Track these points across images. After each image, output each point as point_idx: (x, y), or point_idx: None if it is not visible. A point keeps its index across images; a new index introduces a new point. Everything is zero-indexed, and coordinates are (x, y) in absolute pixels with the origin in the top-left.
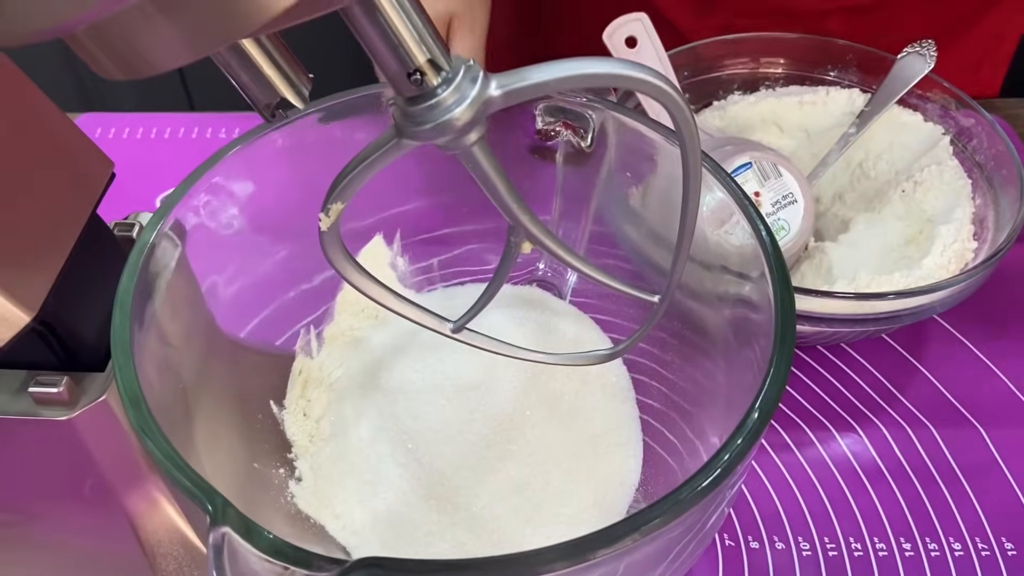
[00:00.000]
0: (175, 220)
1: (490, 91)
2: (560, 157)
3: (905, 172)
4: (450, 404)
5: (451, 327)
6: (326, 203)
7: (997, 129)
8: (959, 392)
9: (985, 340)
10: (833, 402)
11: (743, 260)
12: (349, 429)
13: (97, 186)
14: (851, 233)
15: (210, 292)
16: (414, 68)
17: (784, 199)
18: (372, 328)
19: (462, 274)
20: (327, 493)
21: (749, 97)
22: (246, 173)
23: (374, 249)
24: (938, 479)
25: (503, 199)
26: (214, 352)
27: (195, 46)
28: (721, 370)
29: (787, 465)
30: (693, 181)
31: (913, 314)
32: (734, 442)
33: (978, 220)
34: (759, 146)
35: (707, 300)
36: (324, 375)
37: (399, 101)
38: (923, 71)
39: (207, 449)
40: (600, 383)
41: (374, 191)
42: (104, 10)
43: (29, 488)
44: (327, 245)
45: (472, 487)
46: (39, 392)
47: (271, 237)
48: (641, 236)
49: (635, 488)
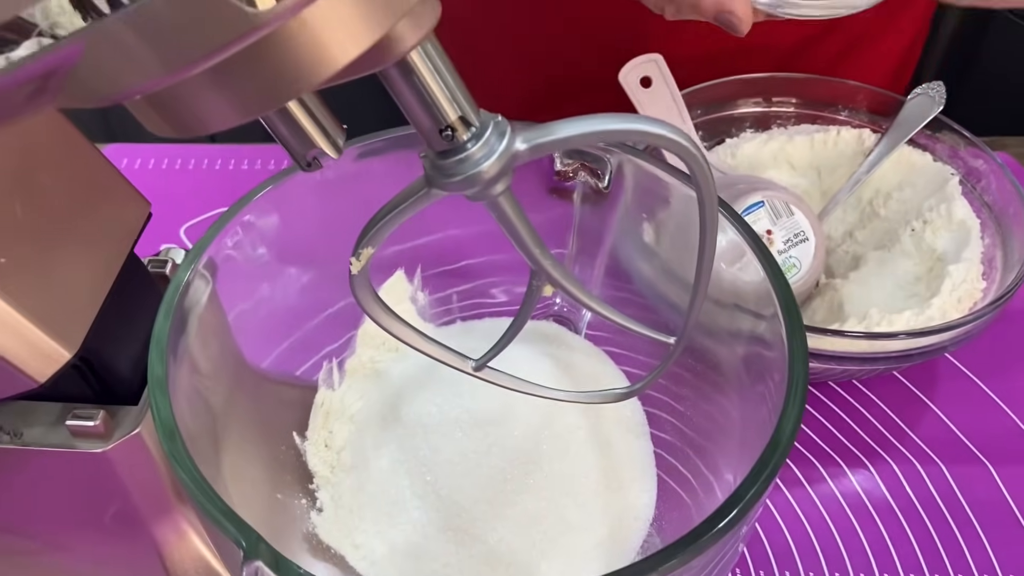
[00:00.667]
0: (208, 258)
1: (516, 145)
2: (578, 197)
3: (915, 211)
4: (468, 437)
5: (472, 365)
6: (357, 248)
7: (1005, 170)
8: (969, 429)
9: (995, 378)
10: (844, 438)
11: (756, 298)
12: (369, 460)
13: (135, 226)
14: (862, 270)
15: (236, 322)
16: (446, 124)
17: (796, 237)
18: (392, 361)
19: (479, 305)
20: (347, 523)
21: (761, 135)
22: (274, 209)
23: (395, 284)
24: (947, 515)
25: (527, 245)
26: (240, 384)
27: (247, 109)
28: (735, 406)
29: (798, 500)
30: (710, 231)
31: (923, 353)
32: (751, 484)
33: (987, 260)
34: (771, 184)
35: (720, 337)
36: (345, 407)
37: (430, 154)
38: (932, 112)
39: (233, 479)
40: (615, 418)
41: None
42: (165, 81)
43: (60, 518)
44: (357, 288)
45: (489, 520)
46: (76, 425)
47: (294, 266)
48: (655, 272)
49: (649, 523)
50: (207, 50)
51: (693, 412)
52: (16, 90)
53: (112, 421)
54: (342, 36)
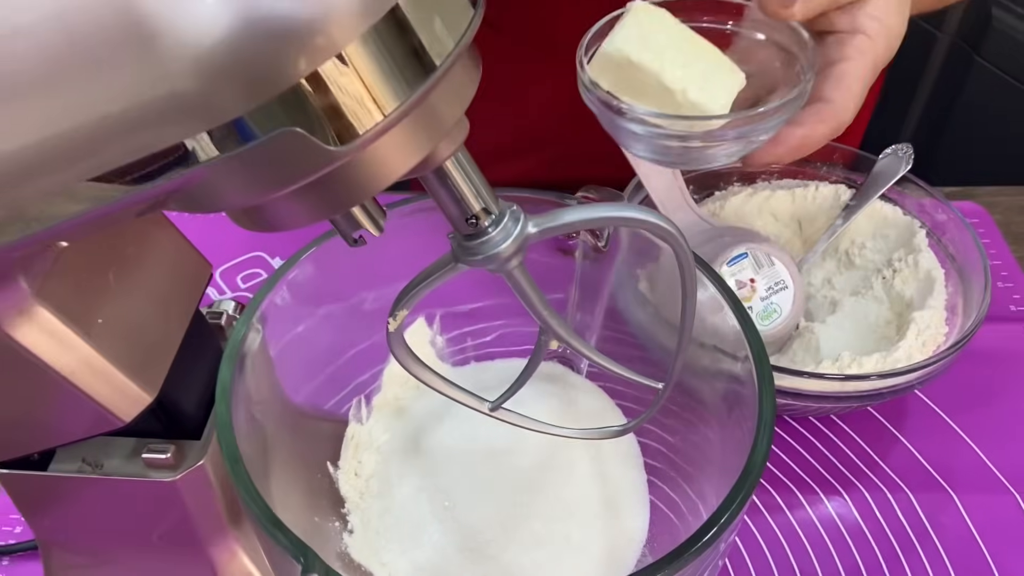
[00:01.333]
0: (260, 312)
1: (529, 229)
2: (579, 254)
3: (886, 261)
4: (482, 466)
5: (488, 406)
6: (394, 310)
7: (965, 223)
8: (936, 461)
9: (960, 413)
10: (821, 468)
11: (734, 342)
12: (394, 487)
13: (200, 285)
14: (837, 315)
15: (277, 361)
16: (471, 214)
17: (776, 285)
18: (415, 398)
19: (491, 344)
20: (375, 544)
21: (747, 188)
22: (313, 265)
23: (417, 329)
24: (914, 540)
25: (536, 308)
26: (283, 419)
27: (318, 215)
28: (717, 437)
29: (779, 524)
30: (689, 299)
31: (892, 391)
32: (727, 507)
33: (950, 307)
34: (755, 236)
35: (703, 375)
36: (373, 439)
37: (457, 236)
38: (901, 171)
39: (279, 503)
40: (613, 451)
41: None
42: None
43: (126, 538)
44: (393, 343)
45: (501, 541)
46: (151, 458)
47: (328, 310)
48: (648, 318)
49: (643, 544)
50: (293, 179)
51: (681, 443)
52: (147, 201)
53: (180, 454)
54: (395, 159)
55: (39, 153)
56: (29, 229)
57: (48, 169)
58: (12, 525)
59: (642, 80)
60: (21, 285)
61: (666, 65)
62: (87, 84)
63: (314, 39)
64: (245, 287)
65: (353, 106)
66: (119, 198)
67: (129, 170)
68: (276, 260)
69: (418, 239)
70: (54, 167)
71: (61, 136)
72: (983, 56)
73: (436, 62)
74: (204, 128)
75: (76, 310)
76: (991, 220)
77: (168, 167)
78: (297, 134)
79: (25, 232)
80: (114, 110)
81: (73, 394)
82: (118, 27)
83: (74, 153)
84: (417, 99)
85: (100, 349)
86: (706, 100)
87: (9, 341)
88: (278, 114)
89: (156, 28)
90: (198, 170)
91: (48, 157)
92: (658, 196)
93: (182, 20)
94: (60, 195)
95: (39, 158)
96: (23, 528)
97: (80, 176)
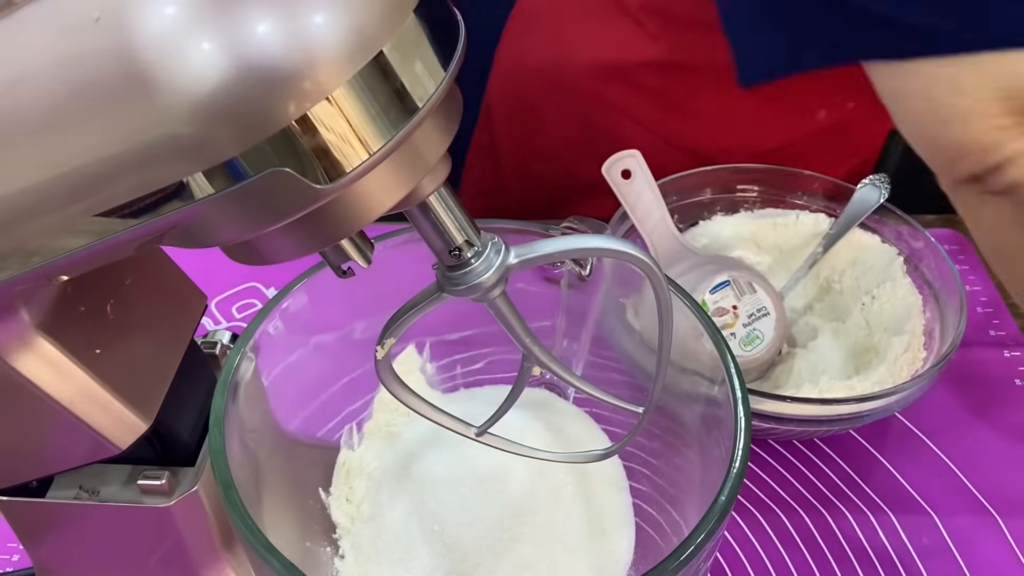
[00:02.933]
0: (252, 342)
1: (510, 260)
2: (564, 283)
3: (865, 287)
4: (471, 492)
5: (475, 431)
6: (381, 338)
7: (941, 251)
8: (916, 482)
9: (940, 436)
10: (805, 490)
11: (712, 366)
12: (384, 512)
13: (195, 315)
14: (818, 340)
15: (270, 390)
16: (454, 246)
17: (758, 312)
18: (404, 425)
19: (481, 371)
20: (366, 569)
21: (730, 218)
22: (305, 295)
23: (407, 357)
24: (896, 560)
25: (519, 336)
26: (276, 446)
27: (306, 248)
28: (697, 457)
29: (762, 545)
30: (666, 329)
31: (871, 414)
32: (704, 524)
33: (927, 331)
34: (737, 264)
35: (684, 399)
36: (363, 465)
37: (441, 267)
38: (878, 200)
39: (271, 528)
40: (598, 475)
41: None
42: (250, 236)
43: (121, 563)
44: (381, 371)
45: (489, 565)
46: (146, 484)
47: (319, 339)
48: (633, 344)
49: (628, 566)
50: (283, 215)
51: (664, 465)
52: (144, 236)
53: (174, 480)
54: (380, 195)
55: (42, 193)
56: (31, 264)
57: (50, 207)
58: (10, 553)
59: None
60: (23, 317)
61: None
62: (88, 128)
63: (303, 85)
64: (240, 317)
65: (340, 145)
66: (118, 234)
67: (127, 208)
68: (271, 290)
69: (406, 270)
70: (55, 205)
71: (62, 176)
72: None
73: (418, 104)
74: (200, 168)
75: (75, 341)
76: (970, 247)
77: (164, 204)
78: (287, 173)
79: (27, 267)
80: (113, 152)
81: (71, 422)
82: (118, 75)
83: (74, 192)
84: (400, 138)
85: (98, 378)
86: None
87: (10, 371)
88: (269, 154)
89: (154, 76)
90: (193, 207)
91: (50, 196)
92: (644, 225)
93: (179, 68)
94: (61, 231)
95: (42, 198)
96: (21, 556)
97: (80, 213)
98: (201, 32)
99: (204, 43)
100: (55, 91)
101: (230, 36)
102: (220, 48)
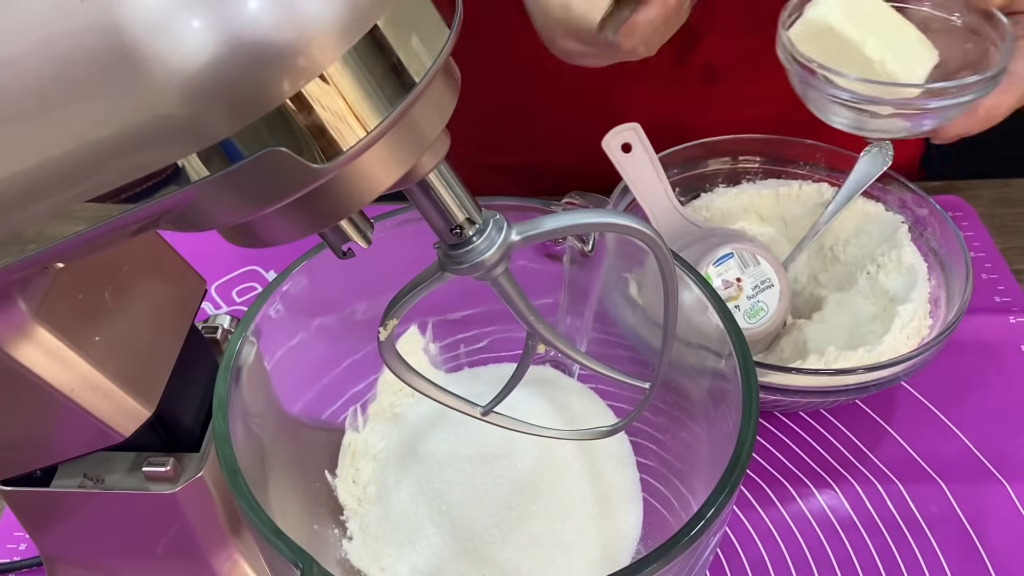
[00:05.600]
0: (254, 326)
1: (512, 237)
2: (567, 259)
3: (870, 256)
4: (477, 471)
5: (480, 411)
6: (384, 320)
7: (946, 218)
8: (924, 452)
9: (948, 405)
10: (812, 461)
11: (718, 340)
12: (391, 493)
13: (195, 301)
14: (824, 311)
15: (272, 373)
16: (455, 224)
17: (762, 283)
18: (409, 405)
19: (484, 349)
20: (374, 549)
21: (732, 190)
22: (306, 277)
23: (410, 337)
24: (905, 530)
25: (523, 314)
26: (280, 429)
27: (305, 230)
28: (704, 433)
29: (771, 518)
30: (672, 302)
31: (878, 384)
32: (714, 499)
33: (933, 300)
34: (740, 236)
35: (690, 373)
36: (369, 447)
37: (443, 246)
38: (882, 168)
39: (278, 512)
40: (605, 451)
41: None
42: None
43: (128, 550)
44: (384, 351)
45: (497, 542)
46: (151, 471)
47: (321, 320)
48: (637, 320)
49: (637, 541)
50: (280, 196)
51: (671, 440)
52: (140, 221)
53: (179, 466)
54: (379, 173)
55: (33, 178)
56: (27, 251)
57: (42, 193)
58: (16, 542)
59: (841, 49)
60: (20, 306)
61: (867, 36)
62: (76, 111)
63: (296, 61)
64: (240, 301)
65: (336, 124)
66: (112, 219)
67: (121, 192)
68: (271, 273)
69: (407, 249)
70: (48, 191)
71: (54, 161)
72: None
73: (415, 79)
74: (193, 150)
75: (74, 329)
76: (974, 213)
77: (159, 188)
78: (283, 153)
79: (23, 254)
80: (104, 135)
81: (73, 411)
82: (105, 54)
83: (67, 177)
84: (398, 115)
85: (99, 366)
86: (903, 72)
87: (9, 361)
88: (264, 134)
89: (142, 54)
90: (188, 190)
91: (42, 182)
92: (645, 199)
93: (167, 46)
94: (56, 218)
95: (33, 183)
96: (27, 545)
97: (74, 199)
98: (190, 8)
99: (193, 20)
100: (40, 73)
101: (220, 12)
102: (210, 25)
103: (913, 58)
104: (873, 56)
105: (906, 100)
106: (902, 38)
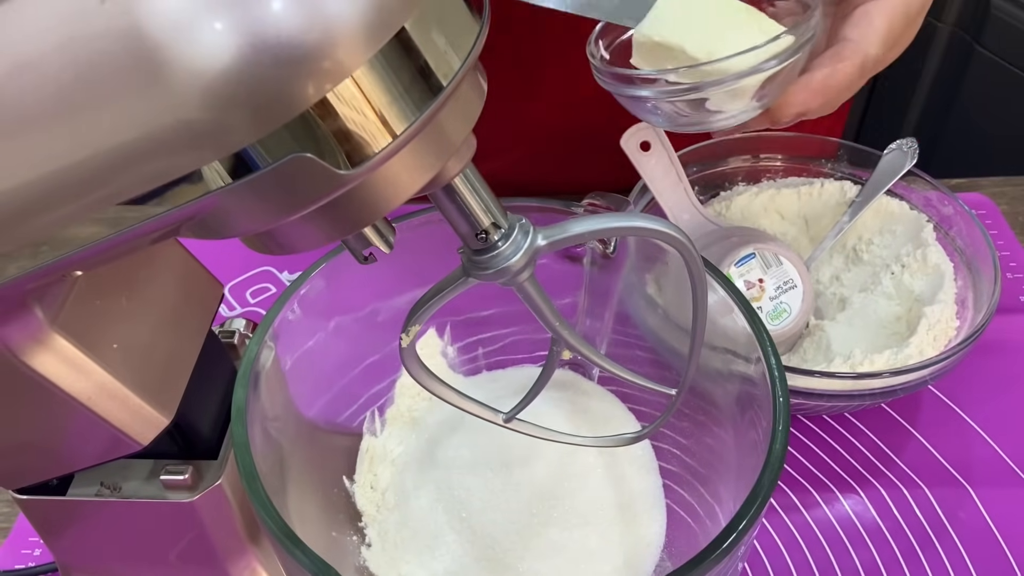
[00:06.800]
0: (271, 330)
1: (538, 242)
2: (587, 260)
3: (894, 256)
4: (497, 476)
5: (503, 418)
6: (406, 326)
7: (973, 216)
8: (951, 456)
9: (974, 407)
10: (836, 466)
11: (745, 344)
12: (410, 500)
13: (212, 305)
14: (847, 312)
15: (289, 376)
16: (480, 229)
17: (785, 284)
18: (427, 410)
19: (502, 352)
20: (393, 557)
21: (752, 188)
22: (323, 280)
23: (428, 341)
24: (932, 536)
25: (547, 319)
26: (298, 435)
27: (330, 236)
28: (731, 439)
29: (795, 523)
30: (700, 306)
31: (905, 388)
32: (745, 511)
33: (960, 300)
34: (762, 236)
35: (715, 378)
36: (387, 452)
37: (467, 251)
38: (906, 166)
39: (297, 519)
40: (627, 457)
41: (429, 281)
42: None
43: (144, 558)
44: (406, 358)
45: (518, 550)
46: (169, 479)
47: (338, 323)
48: (657, 321)
49: (661, 549)
50: (305, 203)
51: (696, 446)
52: (160, 229)
53: (197, 474)
54: (405, 179)
55: (52, 184)
56: (44, 258)
57: (61, 200)
58: (31, 547)
59: (674, 56)
60: (37, 314)
61: (686, 36)
62: (96, 115)
63: (322, 64)
64: (255, 302)
65: (362, 129)
66: (131, 227)
67: (140, 200)
68: (284, 274)
69: (426, 251)
70: (67, 198)
71: (71, 168)
72: (983, 45)
73: (443, 82)
74: (215, 156)
75: (91, 336)
76: (998, 211)
77: (180, 195)
78: (308, 159)
79: (40, 261)
80: (124, 140)
81: (91, 419)
82: (126, 58)
83: (86, 184)
84: (425, 119)
85: (116, 374)
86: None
87: (27, 370)
88: (288, 140)
89: (164, 59)
90: (210, 197)
91: (60, 188)
92: (664, 198)
93: (190, 50)
94: (72, 226)
95: (51, 189)
96: (43, 551)
97: (93, 206)
98: (213, 10)
99: (216, 22)
100: (60, 77)
101: (243, 13)
102: (233, 27)
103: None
104: (697, 54)
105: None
106: (736, 25)
